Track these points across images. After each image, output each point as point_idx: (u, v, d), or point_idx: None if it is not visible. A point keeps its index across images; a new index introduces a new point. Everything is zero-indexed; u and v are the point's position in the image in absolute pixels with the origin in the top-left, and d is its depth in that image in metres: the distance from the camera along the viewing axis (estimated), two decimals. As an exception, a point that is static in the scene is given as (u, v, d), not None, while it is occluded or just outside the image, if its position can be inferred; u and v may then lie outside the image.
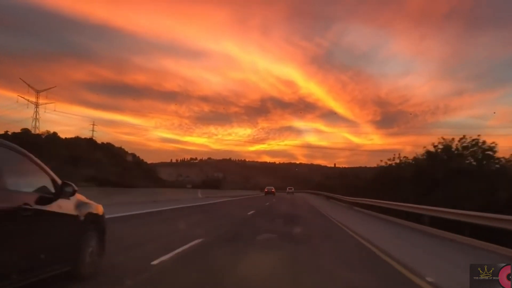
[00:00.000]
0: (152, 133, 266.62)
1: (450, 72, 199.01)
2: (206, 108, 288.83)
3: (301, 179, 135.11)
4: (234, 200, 35.42)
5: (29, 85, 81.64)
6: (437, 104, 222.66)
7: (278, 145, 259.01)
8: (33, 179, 4.03)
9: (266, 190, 60.63)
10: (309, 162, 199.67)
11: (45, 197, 3.95)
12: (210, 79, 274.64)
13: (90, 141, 63.48)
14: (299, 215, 18.39)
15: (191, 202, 25.73)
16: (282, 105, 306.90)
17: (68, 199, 4.31)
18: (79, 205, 4.56)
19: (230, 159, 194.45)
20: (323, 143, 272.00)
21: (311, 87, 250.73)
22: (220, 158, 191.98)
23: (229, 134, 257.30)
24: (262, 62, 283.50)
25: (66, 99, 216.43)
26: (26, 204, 3.52)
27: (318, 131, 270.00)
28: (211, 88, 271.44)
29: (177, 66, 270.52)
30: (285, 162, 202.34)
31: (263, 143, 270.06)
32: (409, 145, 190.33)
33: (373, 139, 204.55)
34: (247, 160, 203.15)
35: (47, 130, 64.01)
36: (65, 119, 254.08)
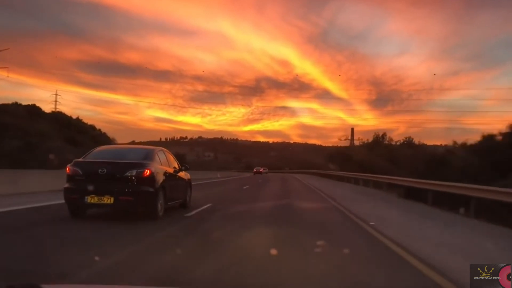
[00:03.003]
0: (145, 113, 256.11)
1: (446, 51, 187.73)
2: (200, 87, 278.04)
3: (296, 159, 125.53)
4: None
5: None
6: (432, 84, 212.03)
7: (272, 125, 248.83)
8: (172, 163, 9.80)
9: (254, 170, 69.12)
10: (303, 142, 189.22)
11: (176, 169, 9.88)
12: (204, 58, 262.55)
13: (33, 109, 52.85)
14: None
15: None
16: (277, 85, 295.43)
17: (183, 171, 10.50)
18: (186, 174, 10.71)
19: (221, 138, 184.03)
20: (318, 122, 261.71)
21: (307, 66, 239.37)
22: (212, 137, 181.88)
23: (223, 114, 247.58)
24: (257, 41, 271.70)
25: (58, 77, 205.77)
26: (173, 172, 9.58)
27: (313, 111, 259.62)
28: (205, 67, 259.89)
29: (170, 45, 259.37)
30: (279, 141, 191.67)
31: (257, 123, 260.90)
32: (404, 124, 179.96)
33: (368, 119, 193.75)
34: (239, 139, 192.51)
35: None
36: (35, 91, 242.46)
